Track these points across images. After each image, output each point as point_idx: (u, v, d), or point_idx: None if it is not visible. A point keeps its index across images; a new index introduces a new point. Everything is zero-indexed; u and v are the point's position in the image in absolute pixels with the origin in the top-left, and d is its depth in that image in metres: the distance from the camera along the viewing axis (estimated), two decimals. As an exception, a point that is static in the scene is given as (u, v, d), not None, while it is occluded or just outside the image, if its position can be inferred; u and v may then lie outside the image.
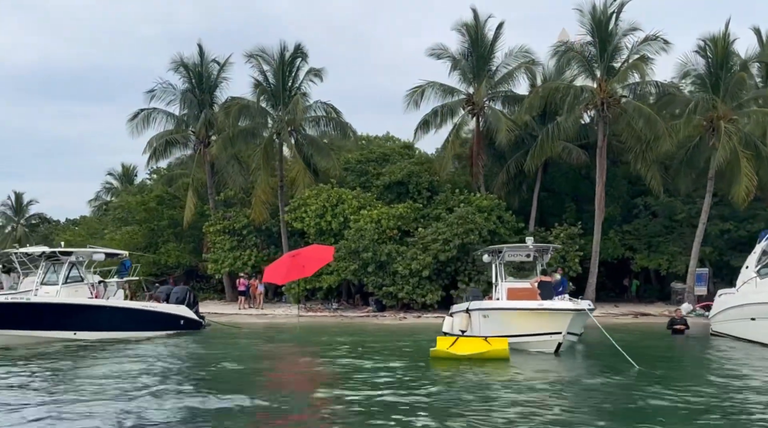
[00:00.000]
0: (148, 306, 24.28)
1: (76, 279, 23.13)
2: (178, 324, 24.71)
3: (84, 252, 23.77)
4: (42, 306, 21.08)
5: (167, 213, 45.07)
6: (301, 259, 25.81)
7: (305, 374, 16.03)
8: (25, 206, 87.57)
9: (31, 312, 20.85)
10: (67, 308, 21.64)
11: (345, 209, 34.66)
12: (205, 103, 42.09)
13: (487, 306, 19.25)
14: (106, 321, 22.41)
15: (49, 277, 23.06)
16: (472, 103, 35.48)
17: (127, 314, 23.19)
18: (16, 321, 20.54)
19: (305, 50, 37.90)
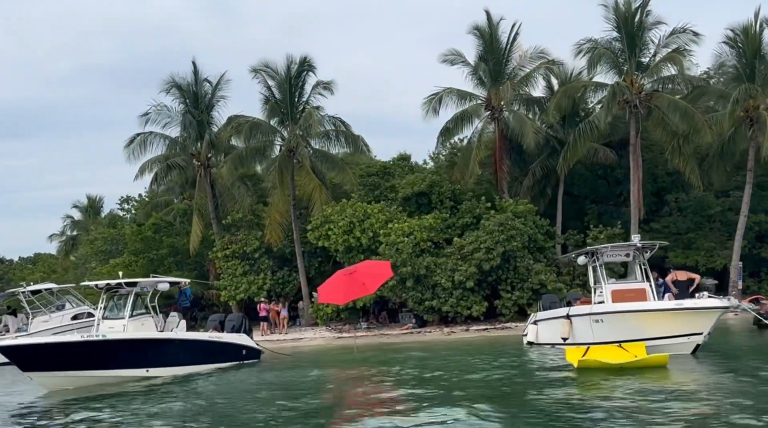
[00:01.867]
0: (214, 337, 22.53)
1: (141, 312, 21.25)
2: (241, 354, 23.05)
3: (148, 282, 21.88)
4: (116, 343, 19.21)
5: (167, 241, 42.89)
6: (360, 276, 24.39)
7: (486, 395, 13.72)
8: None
9: (104, 350, 18.98)
10: (140, 343, 19.80)
11: (373, 223, 33.37)
12: (204, 123, 40.37)
13: (607, 310, 18.26)
14: (177, 355, 20.66)
15: (110, 311, 21.12)
16: (492, 108, 34.80)
17: (196, 347, 21.47)
18: (86, 361, 18.65)
19: (312, 63, 36.65)
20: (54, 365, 18.29)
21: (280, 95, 37.11)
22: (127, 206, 65.37)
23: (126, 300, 21.17)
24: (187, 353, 21.10)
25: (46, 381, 18.68)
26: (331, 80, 36.77)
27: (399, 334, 30.86)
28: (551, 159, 34.71)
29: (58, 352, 18.35)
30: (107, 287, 21.18)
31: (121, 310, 21.12)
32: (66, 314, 33.41)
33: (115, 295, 21.52)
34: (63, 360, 18.35)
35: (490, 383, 14.83)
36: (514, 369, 17.33)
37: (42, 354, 18.22)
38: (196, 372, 21.17)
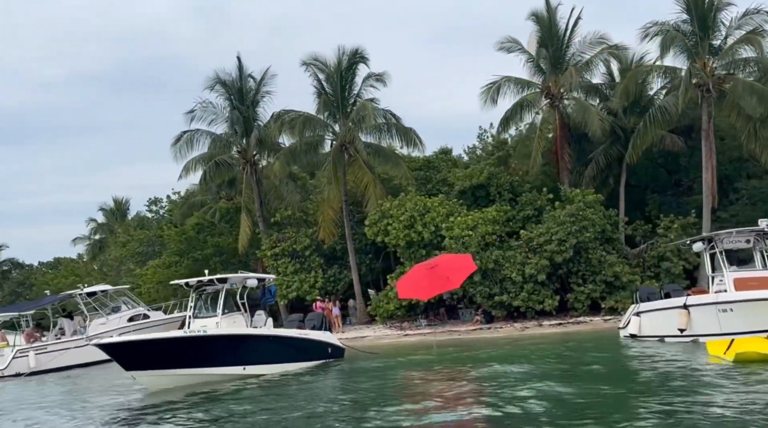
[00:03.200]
0: (303, 335, 21.69)
1: (232, 309, 20.40)
2: (326, 353, 22.22)
3: (238, 278, 21.03)
4: (217, 339, 18.39)
5: (211, 241, 42.02)
6: (442, 270, 23.57)
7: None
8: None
9: (206, 347, 18.17)
10: (239, 340, 18.98)
11: (434, 217, 32.46)
12: (250, 119, 39.53)
13: (738, 298, 17.25)
14: (271, 352, 19.95)
15: (200, 309, 20.28)
16: (551, 95, 33.86)
17: (289, 345, 20.70)
18: (189, 358, 17.85)
19: (364, 54, 35.70)
20: (157, 363, 17.51)
21: (331, 89, 36.23)
22: (155, 207, 64.70)
23: (215, 298, 20.34)
24: (280, 351, 20.36)
25: (148, 380, 17.90)
26: (384, 72, 35.92)
27: (468, 330, 29.94)
28: (614, 147, 33.75)
29: (162, 349, 17.59)
30: (198, 284, 20.32)
31: (210, 308, 20.30)
32: (123, 316, 32.72)
33: (203, 293, 20.68)
34: (166, 357, 17.61)
35: (648, 383, 13.81)
36: (643, 364, 16.41)
37: (146, 351, 17.42)
38: (289, 370, 20.43)
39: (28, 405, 18.98)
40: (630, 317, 21.47)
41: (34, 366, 28.86)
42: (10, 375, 28.53)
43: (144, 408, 16.06)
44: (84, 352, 30.08)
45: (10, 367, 28.63)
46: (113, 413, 15.89)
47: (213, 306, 20.30)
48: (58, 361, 29.26)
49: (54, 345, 30.32)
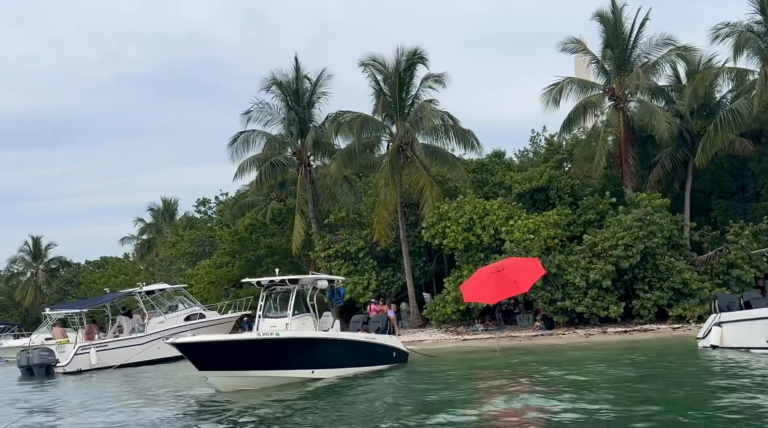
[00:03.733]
0: (370, 338, 21.37)
1: (302, 310, 20.18)
2: (391, 357, 21.86)
3: (308, 279, 20.82)
4: (290, 342, 18.18)
5: (264, 242, 42.03)
6: (509, 274, 23.05)
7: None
8: (44, 250, 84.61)
9: (279, 349, 17.97)
10: (309, 343, 18.75)
11: (493, 220, 31.91)
12: (306, 120, 39.49)
13: None
14: (340, 356, 19.64)
15: (269, 309, 20.11)
16: (616, 97, 33.10)
17: (357, 349, 20.41)
18: (262, 360, 17.66)
19: (423, 55, 35.30)
20: (230, 364, 17.33)
21: (388, 89, 35.92)
22: (203, 208, 65.16)
23: (285, 298, 20.13)
24: (349, 355, 20.05)
25: (220, 380, 17.74)
26: (443, 73, 35.49)
27: (529, 336, 29.30)
28: (679, 151, 32.84)
29: (237, 351, 17.39)
30: (270, 284, 20.13)
31: (280, 308, 20.10)
32: (180, 315, 32.83)
33: (273, 293, 20.49)
34: (240, 359, 17.41)
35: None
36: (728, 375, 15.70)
37: (221, 352, 17.26)
38: (357, 374, 20.13)
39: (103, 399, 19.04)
40: (711, 327, 20.66)
41: (95, 363, 29.05)
42: (72, 372, 28.73)
43: (212, 405, 16.05)
44: (143, 350, 30.28)
45: (72, 363, 28.84)
46: (185, 409, 15.82)
47: (283, 307, 20.11)
48: (119, 358, 29.39)
49: (114, 342, 30.50)
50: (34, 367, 28.19)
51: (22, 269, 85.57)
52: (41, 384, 25.71)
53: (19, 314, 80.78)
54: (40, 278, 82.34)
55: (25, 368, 28.43)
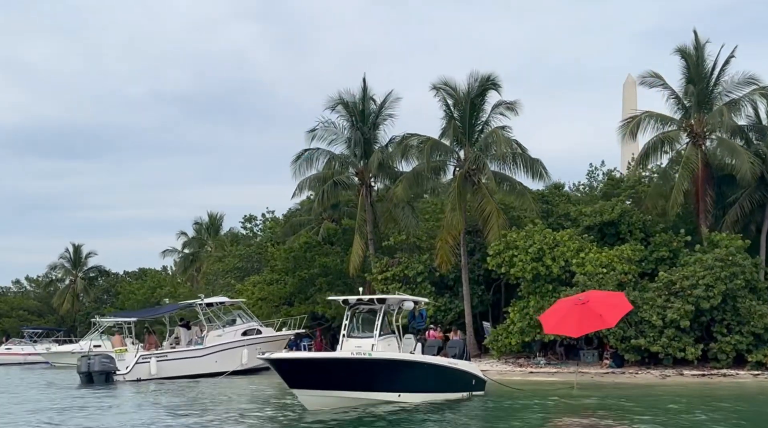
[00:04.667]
0: (452, 364, 20.70)
1: (387, 331, 19.60)
2: (471, 384, 21.12)
3: (395, 300, 20.30)
4: (382, 363, 17.60)
5: (319, 261, 41.62)
6: (595, 307, 22.26)
7: None
8: (84, 258, 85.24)
9: (370, 370, 17.42)
10: (398, 365, 18.15)
11: (564, 251, 31.15)
12: (370, 141, 39.27)
13: None
14: (425, 380, 19.04)
15: (353, 329, 19.57)
16: (695, 134, 32.35)
17: (441, 374, 19.75)
18: (353, 380, 17.13)
19: (497, 81, 34.93)
20: (322, 382, 16.80)
21: (458, 114, 35.59)
22: (248, 225, 65.11)
23: (370, 318, 19.58)
24: (433, 379, 19.43)
25: (308, 399, 17.19)
26: (515, 100, 35.05)
27: (599, 373, 28.33)
28: (758, 192, 31.91)
29: (330, 369, 16.85)
30: (357, 302, 19.61)
31: (365, 328, 19.55)
32: (238, 329, 32.47)
33: (357, 312, 19.96)
34: (332, 377, 16.88)
35: None
36: None
37: (314, 370, 16.74)
38: (438, 399, 19.45)
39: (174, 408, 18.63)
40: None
41: (155, 373, 28.71)
42: (132, 380, 28.39)
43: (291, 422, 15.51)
44: (203, 362, 29.92)
45: (133, 372, 28.51)
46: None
47: (367, 326, 19.57)
48: (178, 369, 29.02)
49: (174, 353, 30.15)
50: (95, 374, 27.93)
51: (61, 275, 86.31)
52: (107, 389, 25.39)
53: (54, 321, 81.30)
54: (78, 285, 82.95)
55: (85, 374, 28.18)
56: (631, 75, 62.65)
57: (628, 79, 62.52)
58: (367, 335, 19.39)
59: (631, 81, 63.11)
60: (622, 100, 63.67)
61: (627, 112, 63.36)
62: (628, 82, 62.81)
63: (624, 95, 63.14)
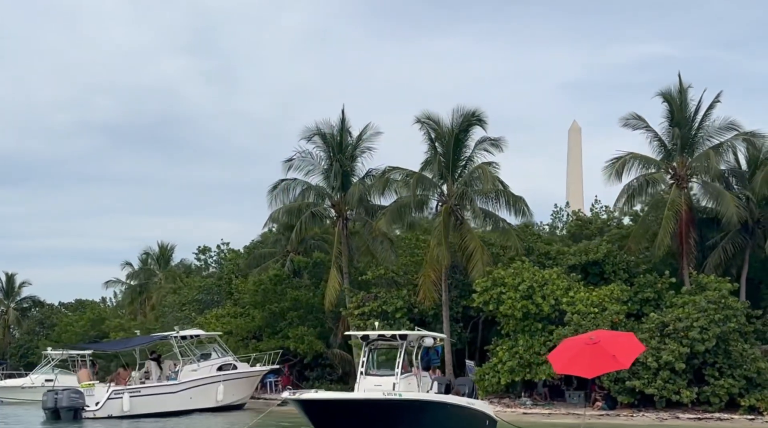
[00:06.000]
0: (470, 404, 19.74)
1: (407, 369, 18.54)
2: (485, 425, 20.20)
3: (415, 336, 19.27)
4: (409, 404, 16.54)
5: (291, 294, 40.21)
6: (607, 347, 21.37)
7: None
8: (18, 288, 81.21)
9: (395, 411, 16.32)
10: (426, 406, 17.11)
11: (554, 290, 30.82)
12: (348, 173, 38.46)
13: None
14: (446, 421, 17.98)
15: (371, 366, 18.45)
16: (678, 177, 32.77)
17: (461, 414, 18.78)
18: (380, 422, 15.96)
19: (482, 117, 34.75)
20: (350, 424, 15.59)
21: (441, 148, 35.21)
22: (203, 256, 62.98)
23: (389, 355, 18.54)
24: (455, 420, 18.41)
25: None
26: (500, 137, 34.93)
27: (594, 415, 27.84)
28: (740, 237, 32.40)
29: (360, 410, 15.72)
30: (379, 337, 18.54)
31: (384, 366, 18.47)
32: (213, 364, 30.74)
33: (374, 348, 18.88)
34: (360, 418, 15.71)
35: None
36: None
37: (343, 411, 15.57)
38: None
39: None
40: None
41: (128, 410, 26.73)
42: (102, 417, 26.35)
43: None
44: (177, 398, 28.14)
45: (104, 408, 26.47)
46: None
47: (387, 364, 18.51)
48: (152, 406, 27.16)
49: (149, 388, 28.22)
50: (62, 410, 25.83)
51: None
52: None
53: (-18, 353, 76.66)
54: (10, 316, 78.63)
55: (51, 410, 26.03)
56: (576, 121, 64.31)
57: (573, 125, 63.89)
58: (386, 373, 18.35)
59: (576, 127, 64.48)
60: (568, 144, 64.99)
61: (573, 155, 64.97)
62: (573, 128, 64.12)
63: (569, 140, 64.44)
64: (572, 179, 64.01)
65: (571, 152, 65.35)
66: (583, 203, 55.24)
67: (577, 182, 63.42)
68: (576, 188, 62.34)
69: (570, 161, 65.12)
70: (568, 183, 63.60)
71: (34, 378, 37.84)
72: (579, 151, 65.59)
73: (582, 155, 65.55)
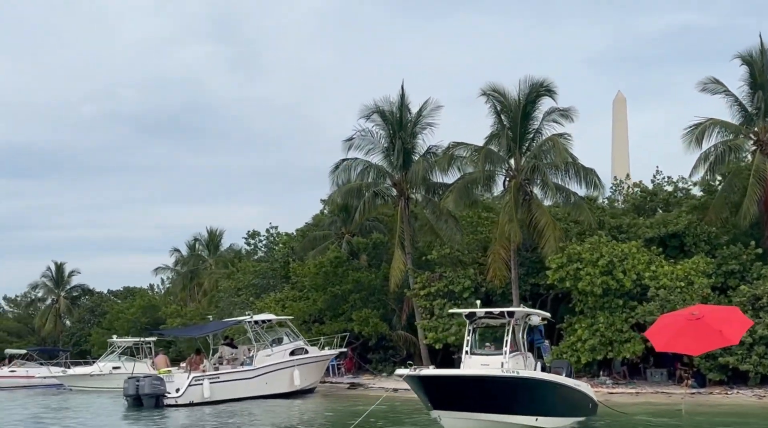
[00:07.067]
0: (577, 385, 18.87)
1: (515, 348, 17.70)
2: (588, 408, 19.32)
3: (522, 313, 18.39)
4: (527, 383, 15.74)
5: (353, 276, 39.51)
6: (713, 322, 20.58)
7: None
8: (67, 277, 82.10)
9: (512, 390, 15.53)
10: (540, 386, 16.31)
11: (635, 264, 29.65)
12: (409, 151, 37.51)
13: None
14: (556, 402, 17.20)
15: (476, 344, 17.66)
16: (761, 143, 31.25)
17: (571, 395, 17.93)
18: (499, 402, 15.27)
19: (551, 87, 33.50)
20: (468, 403, 14.88)
21: (508, 121, 34.06)
22: (252, 241, 62.69)
23: (495, 333, 17.71)
24: (564, 401, 17.58)
25: (453, 422, 15.22)
26: (570, 107, 33.63)
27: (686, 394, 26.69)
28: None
29: (480, 388, 14.97)
30: (486, 315, 17.70)
31: (491, 344, 17.65)
32: (286, 348, 30.18)
33: (479, 327, 18.06)
34: (479, 398, 15.00)
35: None
36: None
37: (464, 388, 14.81)
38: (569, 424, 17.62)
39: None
40: None
41: (209, 396, 26.31)
42: (184, 404, 25.97)
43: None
44: (253, 384, 27.71)
45: (186, 395, 26.09)
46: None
47: (495, 343, 17.69)
48: (230, 392, 26.72)
49: (227, 374, 27.80)
50: (144, 396, 25.46)
51: (42, 295, 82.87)
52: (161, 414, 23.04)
53: (35, 342, 77.76)
54: (61, 305, 79.57)
55: (132, 397, 25.70)
56: (620, 92, 62.71)
57: (618, 95, 62.30)
58: (493, 352, 17.53)
59: (621, 98, 62.80)
60: (612, 116, 63.40)
61: (618, 127, 63.27)
62: (618, 98, 62.47)
63: (614, 111, 62.82)
64: (617, 151, 62.45)
65: (616, 123, 63.84)
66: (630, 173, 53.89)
67: (623, 154, 61.93)
68: (622, 161, 60.80)
69: (615, 132, 63.53)
70: (614, 155, 62.05)
71: (101, 365, 37.81)
72: (624, 122, 64.07)
73: (628, 126, 64.04)
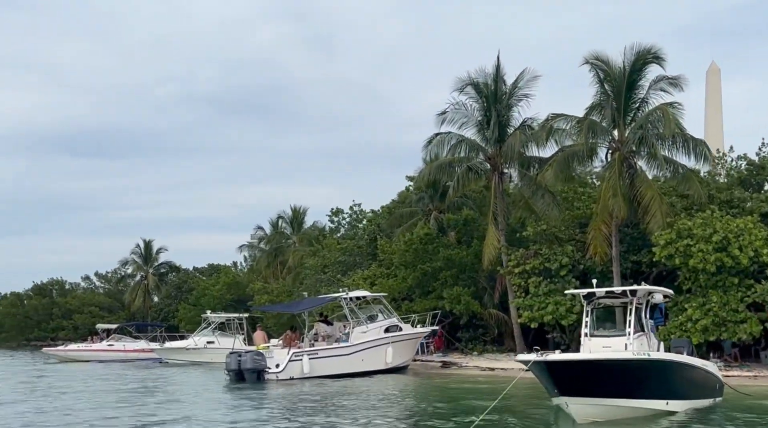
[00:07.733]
0: (706, 366, 17.70)
1: (638, 328, 16.59)
2: (715, 390, 18.05)
3: (644, 291, 17.22)
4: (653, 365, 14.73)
5: (444, 253, 38.73)
6: None
7: None
8: (155, 254, 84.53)
9: (643, 373, 14.58)
10: (670, 367, 15.30)
11: (752, 240, 27.81)
12: (504, 124, 36.31)
13: None
14: (687, 385, 16.15)
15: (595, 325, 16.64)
16: None
17: (699, 377, 16.87)
18: (624, 386, 14.39)
19: (660, 54, 31.57)
20: (597, 389, 13.99)
21: (612, 91, 32.36)
22: (335, 218, 62.69)
23: (616, 313, 16.65)
24: (694, 383, 16.44)
25: (581, 409, 14.36)
26: (680, 75, 31.64)
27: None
28: None
29: (611, 373, 14.03)
30: (606, 295, 16.64)
31: (606, 326, 16.62)
32: (381, 325, 29.75)
33: (598, 307, 17.01)
34: (607, 382, 14.08)
35: None
36: None
37: (594, 373, 13.91)
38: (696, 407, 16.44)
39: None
40: None
41: (308, 372, 26.18)
42: (284, 379, 25.90)
43: None
44: (350, 360, 27.41)
45: (286, 370, 26.02)
46: None
47: (610, 324, 16.68)
48: (328, 368, 26.50)
49: (325, 350, 27.61)
50: (246, 371, 25.51)
51: (132, 271, 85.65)
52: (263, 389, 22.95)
53: (125, 317, 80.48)
54: (150, 281, 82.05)
55: (234, 371, 25.77)
56: (714, 62, 59.90)
57: (711, 66, 59.77)
58: (616, 333, 16.48)
59: (714, 68, 60.01)
60: (705, 87, 60.63)
61: (711, 98, 60.38)
62: (712, 69, 59.89)
63: (707, 82, 60.20)
64: (711, 123, 60.01)
65: (710, 95, 61.32)
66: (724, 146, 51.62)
67: (717, 126, 59.61)
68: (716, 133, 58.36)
69: (708, 104, 61.10)
70: (707, 128, 59.48)
71: (196, 339, 38.42)
72: (719, 93, 61.68)
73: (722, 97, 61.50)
